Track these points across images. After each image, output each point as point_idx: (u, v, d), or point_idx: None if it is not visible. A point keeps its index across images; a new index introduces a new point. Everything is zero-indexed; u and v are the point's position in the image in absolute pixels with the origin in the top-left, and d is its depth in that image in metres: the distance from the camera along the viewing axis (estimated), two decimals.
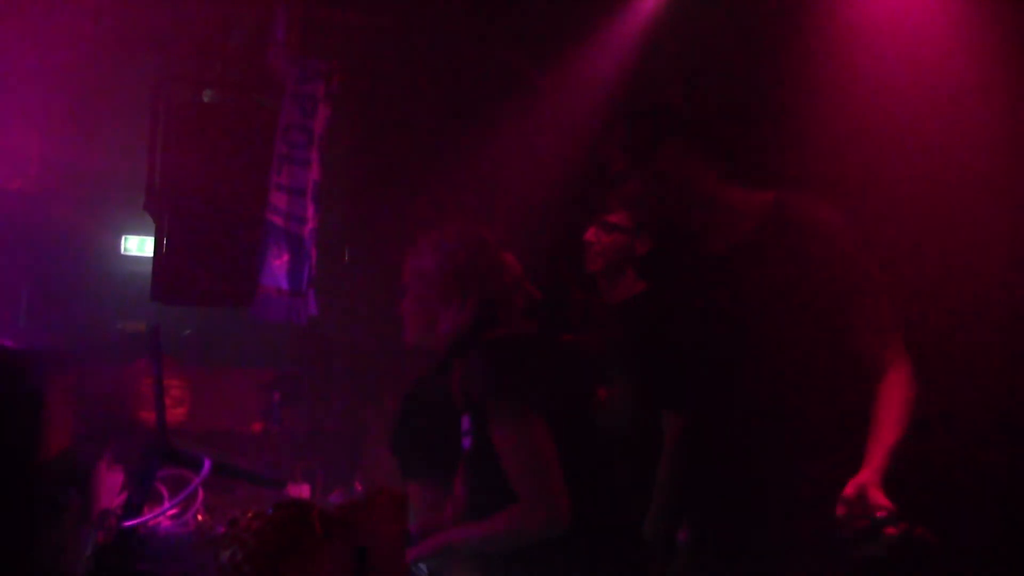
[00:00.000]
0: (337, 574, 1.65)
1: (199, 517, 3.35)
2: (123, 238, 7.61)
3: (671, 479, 2.72)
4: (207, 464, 2.86)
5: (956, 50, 2.90)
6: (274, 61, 4.46)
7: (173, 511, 3.35)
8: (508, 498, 2.24)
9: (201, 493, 3.45)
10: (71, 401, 2.78)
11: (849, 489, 2.11)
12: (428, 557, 2.36)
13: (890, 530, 2.04)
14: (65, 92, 5.86)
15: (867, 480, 2.13)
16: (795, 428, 2.39)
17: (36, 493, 2.31)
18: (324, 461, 4.59)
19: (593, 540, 2.30)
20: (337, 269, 5.59)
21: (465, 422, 2.37)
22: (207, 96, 5.02)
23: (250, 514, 1.66)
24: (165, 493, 3.42)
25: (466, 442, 2.37)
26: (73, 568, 2.56)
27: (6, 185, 6.06)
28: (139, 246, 7.45)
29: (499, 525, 2.26)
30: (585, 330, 3.51)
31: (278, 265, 4.34)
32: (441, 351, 2.50)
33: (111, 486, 3.30)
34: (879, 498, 2.08)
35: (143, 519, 2.72)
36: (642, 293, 3.46)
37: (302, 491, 4.11)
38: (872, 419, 2.28)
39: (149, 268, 4.67)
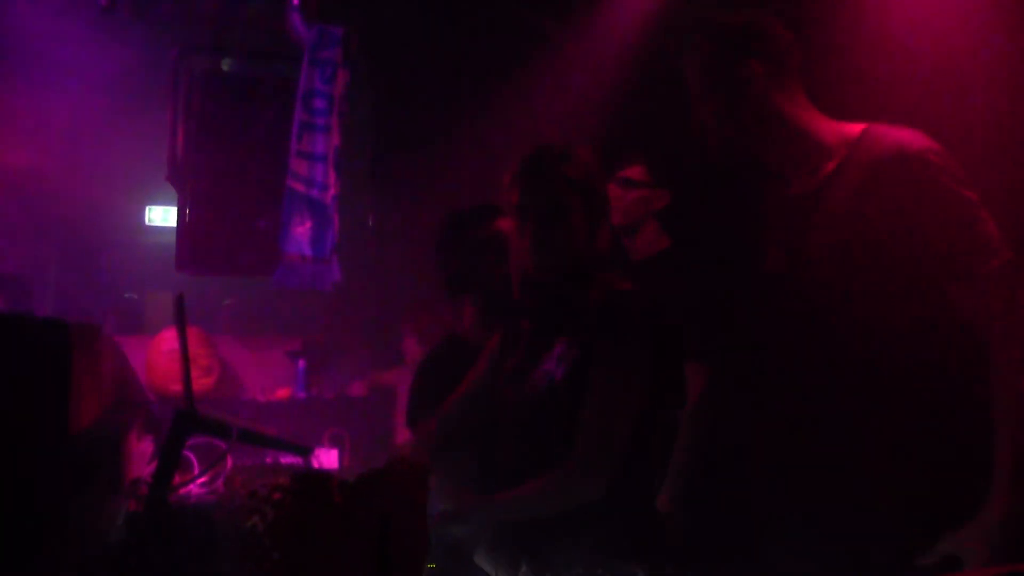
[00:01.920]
0: (358, 544, 1.64)
1: (228, 485, 3.38)
2: (147, 209, 7.64)
3: (695, 438, 2.69)
4: (234, 432, 2.88)
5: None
6: (291, 27, 4.43)
7: (203, 479, 3.38)
8: (555, 448, 2.21)
9: (230, 461, 3.47)
10: (100, 371, 2.80)
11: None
12: (459, 523, 2.34)
13: None
14: (86, 66, 5.87)
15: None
16: (873, 397, 2.11)
17: (68, 464, 2.32)
18: (351, 426, 4.62)
19: (627, 511, 2.25)
20: (361, 235, 5.59)
21: (561, 348, 2.29)
22: (226, 65, 5.01)
23: (270, 485, 1.66)
24: (195, 461, 3.45)
25: (558, 371, 2.27)
26: (106, 536, 2.59)
27: (31, 161, 6.10)
28: (163, 217, 7.48)
29: (543, 485, 2.20)
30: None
31: (301, 232, 4.34)
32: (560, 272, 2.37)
33: (141, 455, 3.33)
34: None
35: (173, 487, 2.74)
36: (671, 248, 3.39)
37: (330, 457, 4.14)
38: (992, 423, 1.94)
39: (173, 239, 4.69)
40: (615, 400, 2.19)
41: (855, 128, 2.22)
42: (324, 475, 1.69)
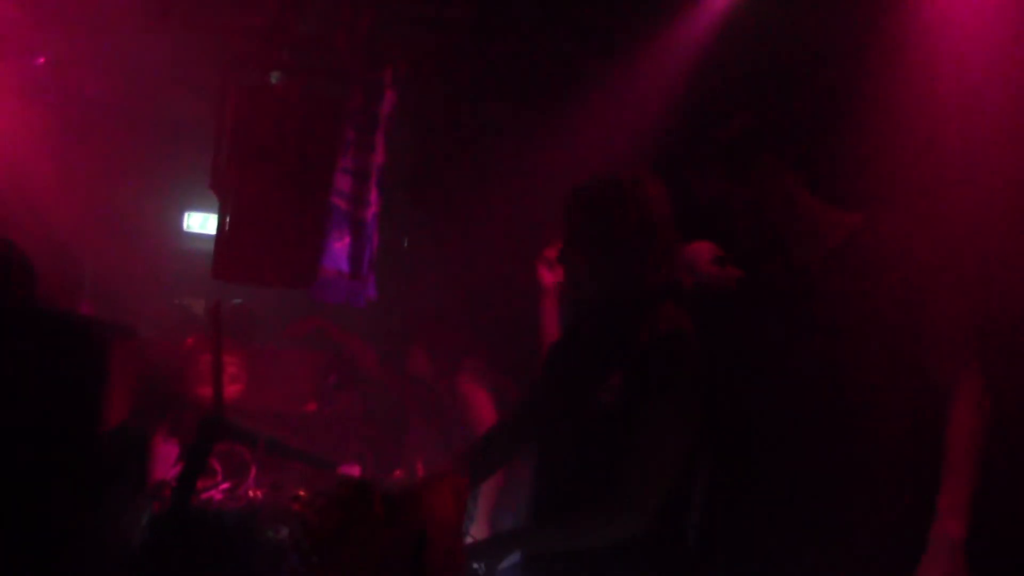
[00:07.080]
0: (395, 555, 1.66)
1: (250, 493, 3.40)
2: (186, 215, 7.71)
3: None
4: (261, 441, 2.91)
5: None
6: (342, 46, 4.49)
7: (225, 486, 3.40)
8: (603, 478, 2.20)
9: (253, 469, 3.49)
10: (131, 373, 2.83)
11: None
12: (497, 552, 2.25)
13: None
14: (135, 68, 5.94)
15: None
16: (856, 441, 2.41)
17: (98, 462, 2.35)
18: (375, 444, 4.62)
19: (658, 548, 2.25)
20: (397, 254, 5.62)
21: (617, 380, 2.26)
22: (275, 79, 5.06)
23: (313, 491, 1.68)
24: (218, 467, 3.47)
25: (613, 403, 2.24)
26: (129, 536, 2.61)
27: (77, 160, 6.18)
28: (202, 224, 7.54)
29: (585, 518, 2.19)
30: None
31: (339, 248, 4.38)
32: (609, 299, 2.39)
33: (166, 458, 3.35)
34: None
35: (196, 492, 2.77)
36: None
37: (352, 473, 4.14)
38: (944, 457, 2.30)
39: (211, 246, 4.73)
40: (665, 443, 2.19)
41: (856, 215, 2.54)
42: (367, 484, 1.70)
